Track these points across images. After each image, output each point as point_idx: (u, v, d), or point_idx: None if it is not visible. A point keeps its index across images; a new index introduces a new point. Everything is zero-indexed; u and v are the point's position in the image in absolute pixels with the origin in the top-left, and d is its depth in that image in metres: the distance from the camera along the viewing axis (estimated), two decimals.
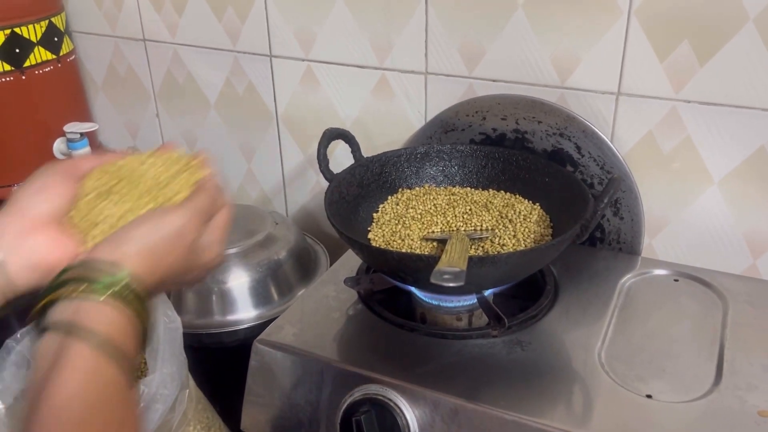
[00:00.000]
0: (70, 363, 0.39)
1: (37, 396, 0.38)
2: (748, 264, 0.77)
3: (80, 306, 0.41)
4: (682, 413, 0.57)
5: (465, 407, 0.59)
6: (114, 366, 0.40)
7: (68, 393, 0.38)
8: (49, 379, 0.38)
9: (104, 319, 0.41)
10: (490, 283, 0.67)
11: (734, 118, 0.72)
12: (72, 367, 0.39)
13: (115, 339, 0.41)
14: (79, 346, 0.39)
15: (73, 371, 0.39)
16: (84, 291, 0.41)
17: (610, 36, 0.74)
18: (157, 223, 0.47)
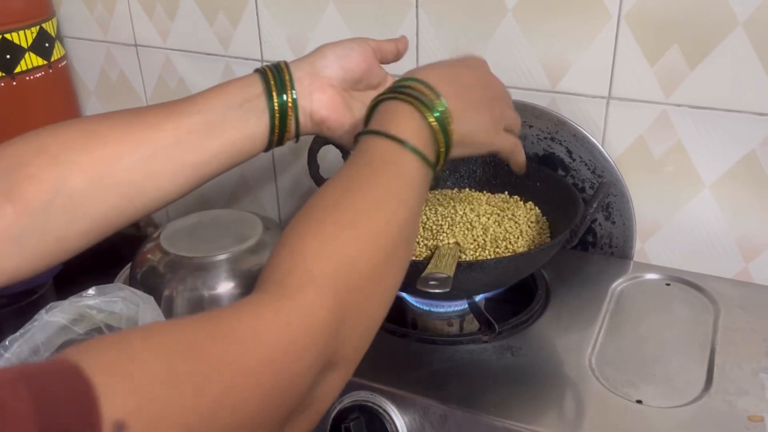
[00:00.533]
0: (395, 165, 0.48)
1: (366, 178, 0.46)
2: (740, 268, 0.77)
3: (408, 119, 0.49)
4: (672, 418, 0.57)
5: (455, 413, 0.59)
6: (426, 175, 0.49)
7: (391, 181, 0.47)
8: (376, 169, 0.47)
9: (424, 139, 0.49)
10: (479, 288, 0.67)
11: (725, 122, 0.72)
12: (398, 168, 0.48)
13: (429, 156, 0.49)
14: (404, 154, 0.48)
15: (399, 172, 0.47)
16: (415, 106, 0.49)
17: (600, 40, 0.74)
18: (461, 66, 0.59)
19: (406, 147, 0.47)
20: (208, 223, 0.92)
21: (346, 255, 0.42)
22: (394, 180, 0.46)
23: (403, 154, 0.47)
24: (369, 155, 0.48)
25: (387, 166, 0.47)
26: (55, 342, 0.70)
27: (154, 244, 0.87)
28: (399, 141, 0.47)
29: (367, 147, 0.48)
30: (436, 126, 0.49)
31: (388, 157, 0.47)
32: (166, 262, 0.85)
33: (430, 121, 0.49)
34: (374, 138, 0.48)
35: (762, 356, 0.63)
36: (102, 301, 0.69)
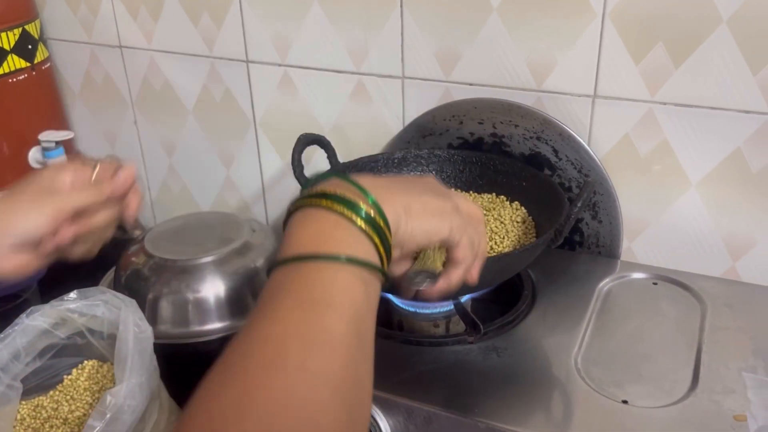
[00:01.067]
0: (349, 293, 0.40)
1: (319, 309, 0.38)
2: (727, 266, 0.76)
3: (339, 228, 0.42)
4: (657, 418, 0.57)
5: (439, 415, 0.58)
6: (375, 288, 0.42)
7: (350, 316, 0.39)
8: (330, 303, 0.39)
9: (363, 248, 0.41)
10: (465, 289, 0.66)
11: (710, 120, 0.71)
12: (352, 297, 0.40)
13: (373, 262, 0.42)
14: (351, 276, 0.40)
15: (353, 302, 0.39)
16: (342, 212, 0.42)
17: (585, 39, 0.73)
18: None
19: (340, 261, 0.40)
20: (193, 225, 0.91)
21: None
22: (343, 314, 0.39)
23: (340, 273, 0.40)
24: (294, 288, 0.39)
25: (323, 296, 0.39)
26: (37, 346, 0.70)
27: (139, 247, 0.86)
28: (330, 258, 0.40)
29: (292, 278, 0.40)
30: (368, 228, 0.42)
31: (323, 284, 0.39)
32: (150, 265, 0.84)
33: (359, 224, 0.41)
34: (297, 265, 0.40)
35: (749, 355, 0.63)
36: (83, 304, 0.68)
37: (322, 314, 0.38)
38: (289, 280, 0.40)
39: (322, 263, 0.40)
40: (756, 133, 0.70)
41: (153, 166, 1.11)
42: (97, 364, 0.74)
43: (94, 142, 1.15)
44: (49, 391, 0.72)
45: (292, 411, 0.34)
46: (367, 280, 0.41)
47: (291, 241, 0.42)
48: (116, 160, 0.60)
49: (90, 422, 0.56)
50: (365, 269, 0.41)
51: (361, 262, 0.40)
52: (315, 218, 0.42)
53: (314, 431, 0.34)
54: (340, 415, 0.35)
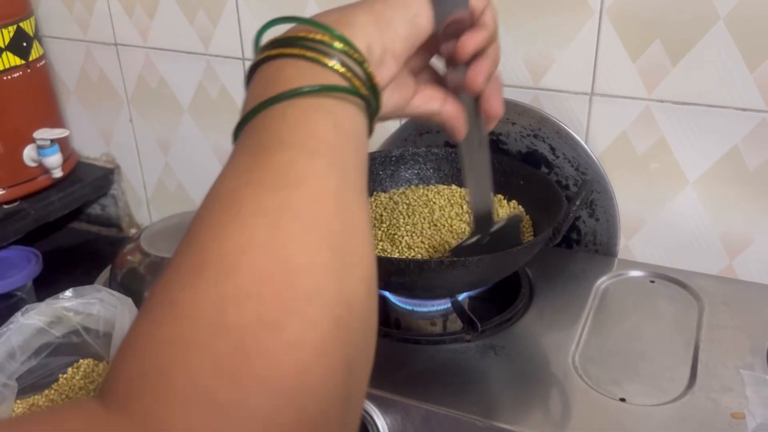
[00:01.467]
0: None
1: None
2: (724, 264, 0.76)
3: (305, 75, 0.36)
4: (655, 416, 0.57)
5: (436, 413, 0.58)
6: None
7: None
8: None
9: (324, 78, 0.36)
10: (462, 286, 0.66)
11: (707, 118, 0.71)
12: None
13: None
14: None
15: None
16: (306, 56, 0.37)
17: (582, 36, 0.73)
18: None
19: (286, 96, 0.34)
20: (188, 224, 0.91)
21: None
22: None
23: (289, 109, 0.34)
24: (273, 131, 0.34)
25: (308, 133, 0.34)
26: (32, 345, 0.69)
27: (134, 246, 0.86)
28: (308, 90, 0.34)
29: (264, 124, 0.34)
30: (345, 71, 0.36)
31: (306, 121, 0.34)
32: (146, 263, 0.84)
33: (330, 65, 0.36)
34: (250, 123, 0.35)
35: (746, 353, 0.63)
36: (79, 303, 0.68)
37: (275, 153, 0.32)
38: (242, 140, 0.35)
39: (269, 110, 0.34)
40: (753, 131, 0.70)
41: (148, 164, 1.11)
42: (92, 363, 0.73)
43: (89, 140, 1.14)
44: (44, 390, 0.71)
45: (252, 257, 0.28)
46: (334, 109, 0.35)
47: (246, 100, 0.37)
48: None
49: None
50: (330, 99, 0.35)
51: (318, 89, 0.35)
52: (270, 67, 0.37)
53: (286, 272, 0.28)
54: (321, 254, 0.29)
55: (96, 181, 1.11)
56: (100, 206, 1.17)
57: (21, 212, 1.00)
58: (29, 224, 1.01)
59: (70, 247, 1.16)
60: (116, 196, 1.15)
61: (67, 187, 1.07)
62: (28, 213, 1.01)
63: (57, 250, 1.13)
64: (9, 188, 0.99)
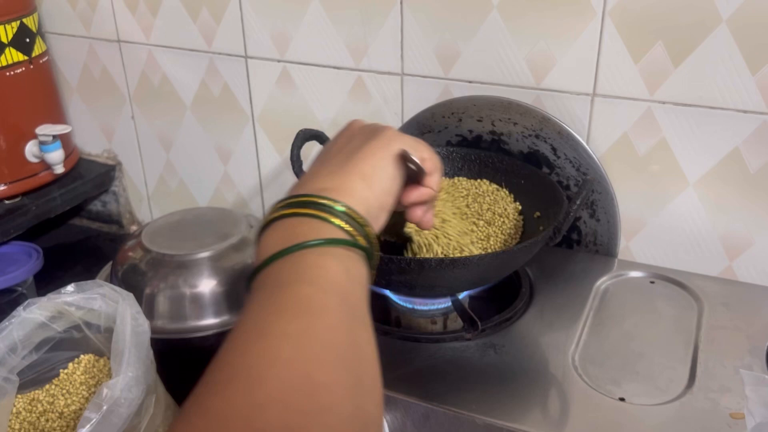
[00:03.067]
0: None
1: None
2: (724, 266, 0.77)
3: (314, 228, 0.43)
4: (654, 416, 0.57)
5: (436, 411, 0.58)
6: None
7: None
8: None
9: (332, 233, 0.43)
10: (463, 285, 0.67)
11: (709, 120, 0.71)
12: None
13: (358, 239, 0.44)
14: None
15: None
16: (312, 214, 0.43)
17: (585, 37, 0.73)
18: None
19: (306, 246, 0.40)
20: (190, 221, 0.91)
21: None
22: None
23: (307, 256, 0.40)
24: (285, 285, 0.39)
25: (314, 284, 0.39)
26: (34, 339, 0.69)
27: (136, 242, 0.86)
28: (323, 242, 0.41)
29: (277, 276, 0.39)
30: (351, 230, 0.43)
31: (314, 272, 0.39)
32: (147, 260, 0.84)
33: (337, 224, 0.43)
34: (266, 270, 0.40)
35: (745, 354, 0.63)
36: (81, 297, 0.68)
37: (296, 288, 0.38)
38: (260, 282, 0.40)
39: (288, 256, 0.40)
40: (755, 132, 0.70)
41: (150, 161, 1.11)
42: (93, 359, 0.74)
43: (91, 136, 1.14)
44: (45, 385, 0.72)
45: (278, 370, 0.32)
46: (343, 258, 0.41)
47: (260, 252, 0.42)
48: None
49: (86, 414, 0.56)
50: (340, 249, 0.41)
51: (330, 242, 0.41)
52: (283, 224, 0.43)
53: (309, 385, 0.32)
54: (339, 374, 0.34)
55: (97, 178, 1.12)
56: (101, 203, 1.17)
57: (22, 208, 1.00)
58: (30, 220, 1.01)
59: (71, 243, 1.16)
60: (117, 193, 1.15)
61: (68, 183, 1.07)
62: (30, 209, 1.01)
63: (58, 246, 1.13)
64: (10, 184, 1.00)
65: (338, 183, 0.46)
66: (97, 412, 0.56)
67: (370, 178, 0.47)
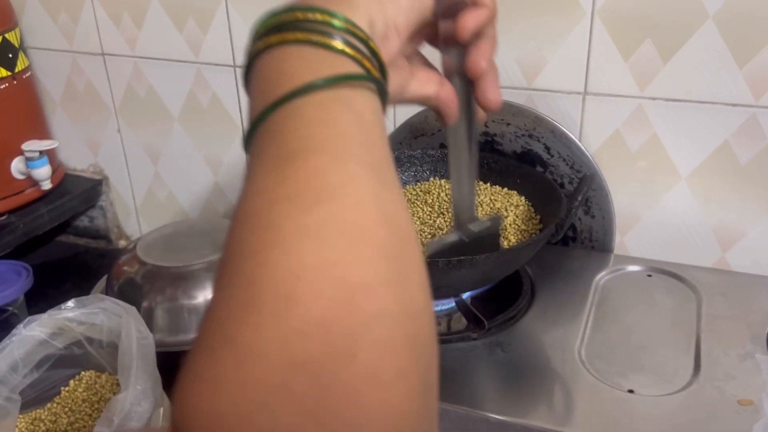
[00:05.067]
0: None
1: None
2: (717, 257, 0.78)
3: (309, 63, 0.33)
4: (664, 406, 0.58)
5: (449, 411, 0.59)
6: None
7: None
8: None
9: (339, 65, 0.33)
10: (468, 285, 0.67)
11: (698, 114, 0.73)
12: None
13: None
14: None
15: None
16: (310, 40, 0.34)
17: (575, 36, 0.75)
18: None
19: (314, 88, 0.31)
20: (184, 232, 0.90)
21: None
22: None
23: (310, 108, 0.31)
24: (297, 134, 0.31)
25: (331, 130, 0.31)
26: (34, 357, 0.68)
27: (131, 255, 0.85)
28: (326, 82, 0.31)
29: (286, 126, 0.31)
30: (355, 53, 0.34)
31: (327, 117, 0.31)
32: (143, 272, 0.83)
33: (340, 49, 0.33)
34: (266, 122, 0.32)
35: (746, 341, 0.65)
36: (82, 313, 0.67)
37: (303, 161, 0.29)
38: (259, 147, 0.31)
39: (284, 109, 0.31)
40: (743, 125, 0.72)
41: (138, 174, 1.10)
42: (94, 375, 0.73)
43: (76, 151, 1.13)
44: (46, 403, 0.70)
45: (306, 283, 0.26)
46: (353, 99, 0.32)
47: (252, 101, 0.34)
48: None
49: (97, 428, 0.55)
50: (346, 88, 0.32)
51: (333, 80, 0.32)
52: (271, 59, 0.34)
53: (346, 292, 0.26)
54: (377, 267, 0.27)
55: (84, 193, 1.10)
56: (88, 218, 1.15)
57: (9, 225, 0.98)
58: (18, 238, 1.00)
59: (59, 260, 1.14)
60: (105, 208, 1.13)
61: (55, 200, 1.05)
62: (17, 226, 0.99)
63: (45, 264, 1.11)
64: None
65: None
66: (108, 427, 0.55)
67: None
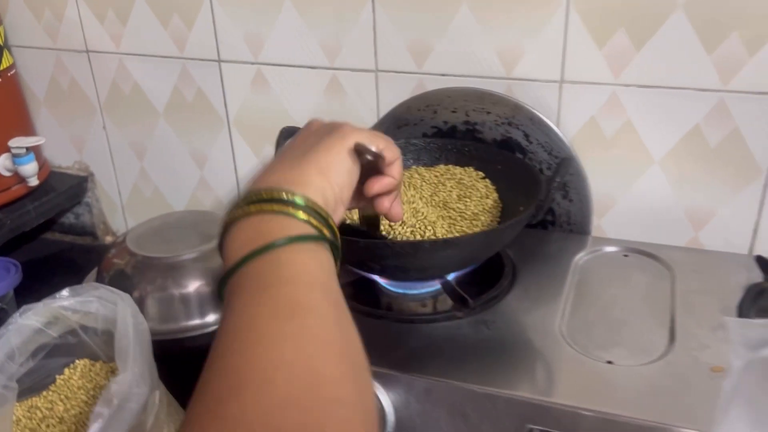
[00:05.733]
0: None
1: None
2: (690, 236, 0.81)
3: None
4: (642, 374, 0.61)
5: (438, 385, 0.61)
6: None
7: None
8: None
9: (298, 228, 0.44)
10: (452, 265, 0.69)
11: (670, 100, 0.76)
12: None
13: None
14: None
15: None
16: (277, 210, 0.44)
17: (551, 27, 0.77)
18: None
19: (278, 245, 0.41)
20: (172, 224, 0.92)
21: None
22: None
23: (282, 254, 0.41)
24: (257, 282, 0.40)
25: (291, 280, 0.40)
26: (30, 346, 0.70)
27: (121, 248, 0.87)
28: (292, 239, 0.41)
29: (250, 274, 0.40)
30: (317, 224, 0.44)
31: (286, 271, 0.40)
32: (134, 264, 0.84)
33: (303, 218, 0.44)
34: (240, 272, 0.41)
35: (717, 314, 0.68)
36: (77, 301, 0.69)
37: (281, 289, 0.39)
38: (236, 285, 0.40)
39: (260, 257, 0.40)
40: (713, 109, 0.75)
41: (123, 170, 1.11)
42: (89, 363, 0.74)
43: (61, 148, 1.14)
44: (42, 391, 0.72)
45: (285, 371, 0.34)
46: (314, 252, 0.43)
47: (229, 254, 0.43)
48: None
49: (97, 410, 0.57)
50: (310, 244, 0.43)
51: (300, 238, 0.42)
52: (248, 224, 0.44)
53: (317, 382, 0.34)
54: (341, 366, 0.35)
55: (70, 190, 1.11)
56: (74, 215, 1.16)
57: None
58: (5, 234, 1.01)
59: (45, 257, 1.15)
60: (91, 204, 1.14)
61: (41, 197, 1.06)
62: (4, 223, 1.00)
63: (32, 261, 1.12)
64: None
65: (296, 175, 0.47)
66: (108, 407, 0.57)
67: (326, 171, 0.48)
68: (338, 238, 0.46)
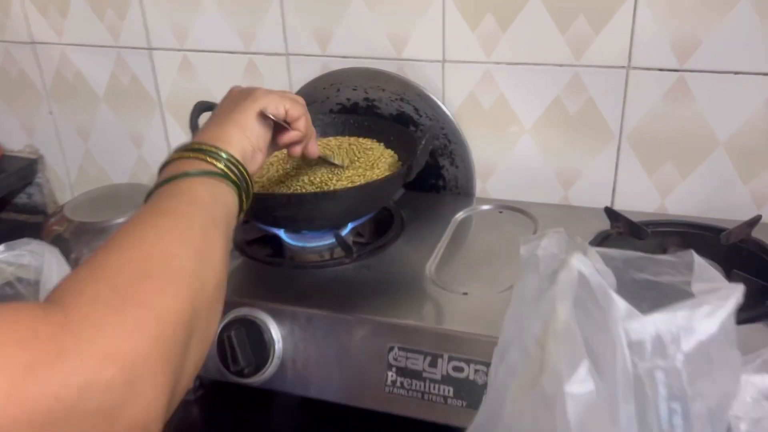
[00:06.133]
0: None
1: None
2: (561, 195, 0.93)
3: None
4: (493, 302, 0.71)
5: (317, 315, 0.72)
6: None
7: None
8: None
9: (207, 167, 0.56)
10: (338, 218, 0.80)
11: (534, 75, 0.88)
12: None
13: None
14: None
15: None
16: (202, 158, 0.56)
17: (431, 12, 0.89)
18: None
19: (188, 176, 0.53)
20: (109, 195, 1.02)
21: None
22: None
23: (182, 183, 0.53)
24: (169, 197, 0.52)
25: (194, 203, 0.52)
26: None
27: (60, 216, 0.97)
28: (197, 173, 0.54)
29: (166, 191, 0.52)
30: (219, 164, 0.56)
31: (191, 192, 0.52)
32: (71, 229, 0.94)
33: (211, 161, 0.56)
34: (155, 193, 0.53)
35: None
36: (11, 254, 0.78)
37: (168, 201, 0.51)
38: (150, 199, 0.53)
39: (172, 182, 0.53)
40: (569, 82, 0.86)
41: (70, 152, 1.21)
42: None
43: (12, 133, 1.23)
44: None
45: (145, 244, 0.45)
46: (214, 186, 0.55)
47: (156, 181, 0.55)
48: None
49: None
50: (213, 179, 0.55)
51: (205, 173, 0.55)
52: (176, 163, 0.56)
53: (163, 254, 0.45)
54: (187, 249, 0.47)
55: (20, 171, 1.21)
56: (26, 195, 1.26)
57: None
58: None
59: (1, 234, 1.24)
60: (41, 185, 1.24)
61: None
62: None
63: None
64: None
65: (220, 133, 0.60)
66: None
67: (244, 128, 0.61)
68: (250, 185, 0.59)
